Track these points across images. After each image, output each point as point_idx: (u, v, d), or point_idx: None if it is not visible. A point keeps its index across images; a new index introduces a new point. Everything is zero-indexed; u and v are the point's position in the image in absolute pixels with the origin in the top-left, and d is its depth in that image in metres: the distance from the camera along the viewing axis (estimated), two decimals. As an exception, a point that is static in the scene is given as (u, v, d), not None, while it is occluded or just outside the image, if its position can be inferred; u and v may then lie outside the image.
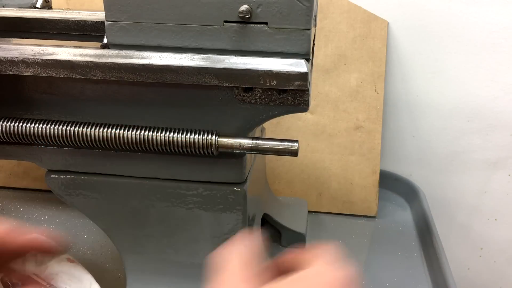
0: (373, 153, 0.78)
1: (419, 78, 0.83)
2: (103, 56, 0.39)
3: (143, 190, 0.48)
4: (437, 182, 0.90)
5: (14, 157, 0.48)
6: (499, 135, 0.84)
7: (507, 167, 0.86)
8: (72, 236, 0.73)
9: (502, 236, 0.91)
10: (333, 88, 0.79)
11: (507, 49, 0.78)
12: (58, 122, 0.43)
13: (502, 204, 0.89)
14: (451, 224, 0.93)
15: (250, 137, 0.42)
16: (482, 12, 0.76)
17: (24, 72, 0.40)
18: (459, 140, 0.86)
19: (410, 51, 0.81)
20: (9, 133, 0.43)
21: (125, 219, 0.51)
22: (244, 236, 0.33)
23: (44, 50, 0.39)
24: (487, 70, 0.80)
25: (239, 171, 0.46)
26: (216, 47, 0.39)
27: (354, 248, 0.73)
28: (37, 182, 0.84)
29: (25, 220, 0.77)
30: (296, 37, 0.38)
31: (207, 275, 0.31)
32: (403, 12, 0.79)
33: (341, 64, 0.78)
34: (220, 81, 0.38)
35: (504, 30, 0.77)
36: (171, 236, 0.51)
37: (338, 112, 0.79)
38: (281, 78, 0.38)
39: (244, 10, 0.36)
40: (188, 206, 0.49)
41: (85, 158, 0.47)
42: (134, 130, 0.42)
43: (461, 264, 0.95)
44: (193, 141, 0.42)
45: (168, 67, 0.38)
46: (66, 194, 0.49)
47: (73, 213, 0.77)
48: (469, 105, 0.83)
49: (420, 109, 0.85)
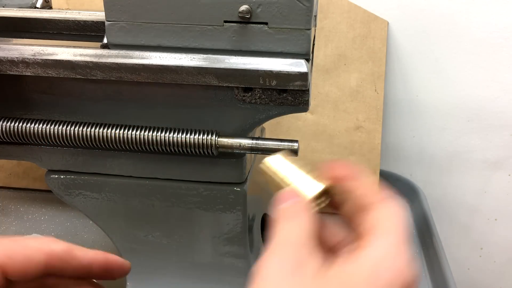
0: (373, 153, 0.78)
1: (419, 78, 0.83)
2: (103, 56, 0.39)
3: (143, 190, 0.48)
4: (437, 182, 0.90)
5: (14, 157, 0.48)
6: (499, 135, 0.84)
7: (507, 167, 0.86)
8: (72, 236, 0.73)
9: (502, 236, 0.91)
10: (333, 88, 0.79)
11: (507, 49, 0.78)
12: (58, 122, 0.43)
13: (502, 204, 0.89)
14: (451, 224, 0.93)
15: (250, 137, 0.42)
16: (482, 12, 0.76)
17: (24, 72, 0.40)
18: (459, 140, 0.86)
19: (410, 51, 0.81)
20: (9, 133, 0.43)
21: (125, 219, 0.51)
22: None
23: (44, 50, 0.39)
24: (487, 70, 0.80)
25: (239, 171, 0.46)
26: (216, 47, 0.39)
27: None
28: (37, 182, 0.84)
29: (25, 220, 0.77)
30: (296, 37, 0.38)
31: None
32: (403, 12, 0.79)
33: (341, 64, 0.78)
34: (220, 81, 0.38)
35: (504, 30, 0.77)
36: (171, 236, 0.51)
37: (338, 112, 0.79)
38: (281, 78, 0.38)
39: (244, 10, 0.36)
40: (188, 206, 0.49)
41: (85, 158, 0.47)
42: (134, 130, 0.42)
43: (461, 264, 0.95)
44: (193, 141, 0.42)
45: (168, 67, 0.38)
46: (66, 194, 0.49)
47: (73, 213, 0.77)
48: (469, 105, 0.83)
49: (420, 109, 0.85)
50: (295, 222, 0.28)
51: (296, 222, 0.28)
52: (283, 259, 0.26)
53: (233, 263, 0.52)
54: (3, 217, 0.77)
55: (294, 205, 0.29)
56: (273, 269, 0.26)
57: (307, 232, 0.28)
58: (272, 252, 0.27)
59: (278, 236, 0.28)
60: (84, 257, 0.33)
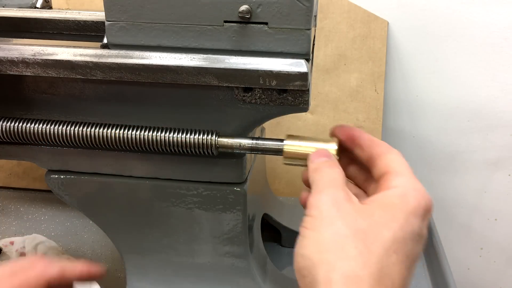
0: (373, 153, 0.78)
1: (419, 78, 0.83)
2: (103, 56, 0.39)
3: (143, 190, 0.48)
4: (437, 182, 0.90)
5: (14, 157, 0.48)
6: (499, 135, 0.84)
7: (507, 167, 0.86)
8: (72, 236, 0.73)
9: (502, 236, 0.91)
10: (333, 88, 0.79)
11: (507, 49, 0.78)
12: (58, 122, 0.43)
13: (502, 204, 0.89)
14: (451, 224, 0.93)
15: (250, 137, 0.42)
16: (482, 12, 0.76)
17: (24, 72, 0.40)
18: (459, 140, 0.86)
19: (410, 51, 0.81)
20: (9, 133, 0.43)
21: (125, 219, 0.51)
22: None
23: (44, 50, 0.39)
24: (487, 70, 0.80)
25: (239, 171, 0.46)
26: (216, 47, 0.39)
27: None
28: (37, 182, 0.84)
29: (25, 220, 0.77)
30: (296, 37, 0.38)
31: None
32: (403, 12, 0.79)
33: (341, 64, 0.78)
34: (220, 81, 0.38)
35: (504, 30, 0.77)
36: (171, 236, 0.51)
37: (338, 112, 0.79)
38: (281, 78, 0.38)
39: (244, 10, 0.36)
40: (188, 206, 0.49)
41: (85, 158, 0.47)
42: (134, 130, 0.42)
43: (461, 264, 0.95)
44: (193, 141, 0.42)
45: (168, 67, 0.38)
46: (66, 194, 0.49)
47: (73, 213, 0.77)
48: (469, 105, 0.83)
49: (420, 109, 0.85)
50: (336, 170, 0.35)
51: (336, 170, 0.35)
52: (335, 194, 0.32)
53: (233, 263, 0.52)
54: (3, 217, 0.77)
55: (329, 158, 0.37)
56: (328, 202, 0.32)
57: (344, 177, 0.35)
58: (322, 190, 0.33)
59: (324, 179, 0.34)
60: (72, 273, 0.40)
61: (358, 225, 0.30)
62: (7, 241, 0.64)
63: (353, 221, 0.30)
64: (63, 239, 0.72)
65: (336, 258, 0.29)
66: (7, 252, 0.63)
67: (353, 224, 0.30)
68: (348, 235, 0.30)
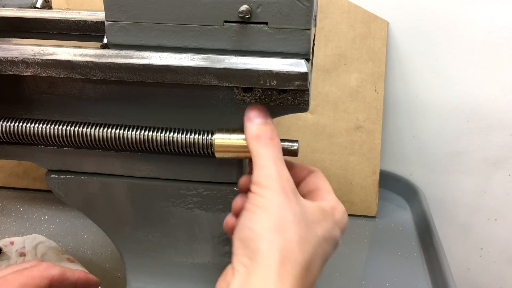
0: (373, 153, 0.78)
1: (419, 78, 0.83)
2: (103, 56, 0.39)
3: (143, 190, 0.48)
4: (437, 182, 0.90)
5: (14, 157, 0.48)
6: (499, 135, 0.84)
7: (507, 167, 0.86)
8: (72, 236, 0.73)
9: (502, 236, 0.91)
10: (333, 88, 0.79)
11: (507, 49, 0.78)
12: (58, 122, 0.43)
13: (502, 204, 0.89)
14: (451, 224, 0.93)
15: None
16: (482, 12, 0.77)
17: (24, 72, 0.40)
18: (459, 140, 0.86)
19: (410, 51, 0.81)
20: (9, 133, 0.43)
21: (125, 219, 0.51)
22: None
23: (44, 50, 0.39)
24: (487, 70, 0.80)
25: (239, 171, 0.46)
26: (216, 47, 0.39)
27: (354, 248, 0.73)
28: (37, 182, 0.84)
29: (25, 220, 0.77)
30: (296, 37, 0.38)
31: None
32: (403, 12, 0.79)
33: (341, 64, 0.78)
34: (220, 81, 0.38)
35: (504, 30, 0.77)
36: (171, 236, 0.51)
37: (338, 112, 0.79)
38: (281, 78, 0.38)
39: (244, 10, 0.36)
40: (188, 206, 0.49)
41: (85, 158, 0.47)
42: (134, 130, 0.42)
43: (461, 264, 0.95)
44: (193, 141, 0.42)
45: (168, 67, 0.38)
46: (66, 194, 0.49)
47: (73, 213, 0.77)
48: (469, 105, 0.83)
49: (420, 109, 0.85)
50: (276, 144, 0.40)
51: (277, 144, 0.40)
52: (283, 182, 0.36)
53: (233, 263, 0.52)
54: (3, 217, 0.78)
55: (266, 120, 0.40)
56: (278, 188, 0.36)
57: (281, 152, 0.40)
58: (270, 172, 0.37)
59: (269, 155, 0.38)
60: (72, 277, 0.42)
61: (301, 216, 0.35)
62: (7, 241, 0.64)
63: (298, 211, 0.35)
64: (63, 239, 0.72)
65: (280, 238, 0.33)
66: (7, 252, 0.62)
67: (297, 213, 0.35)
68: (293, 221, 0.34)
